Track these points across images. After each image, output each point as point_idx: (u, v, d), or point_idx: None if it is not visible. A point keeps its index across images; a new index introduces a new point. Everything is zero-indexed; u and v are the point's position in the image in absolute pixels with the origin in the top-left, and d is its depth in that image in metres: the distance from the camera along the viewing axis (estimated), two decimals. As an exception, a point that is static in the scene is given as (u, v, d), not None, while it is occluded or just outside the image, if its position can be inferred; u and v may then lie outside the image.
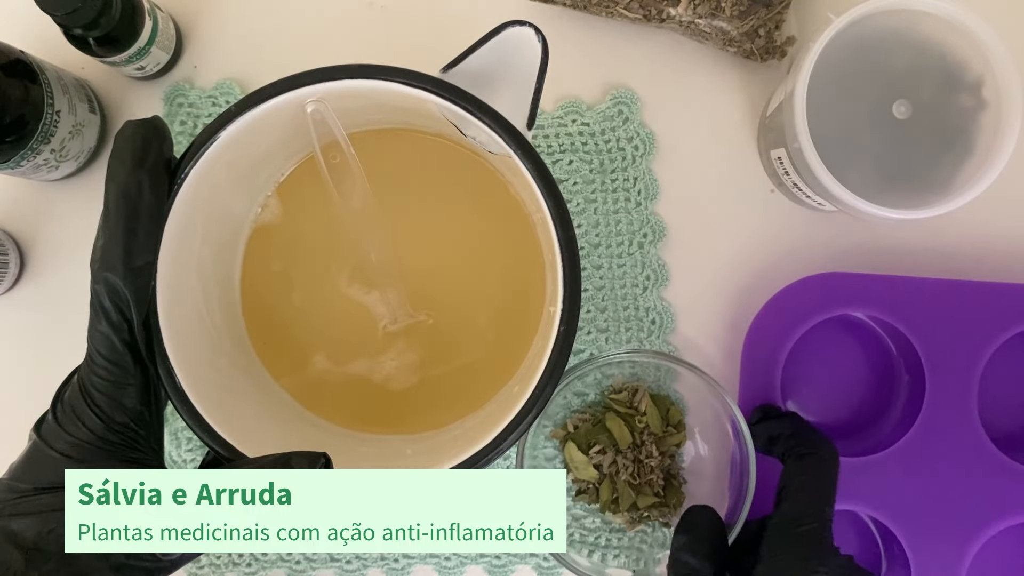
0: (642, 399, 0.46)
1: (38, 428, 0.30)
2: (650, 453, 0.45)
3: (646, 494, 0.45)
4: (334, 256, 0.41)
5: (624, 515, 0.46)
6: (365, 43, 0.48)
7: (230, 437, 0.32)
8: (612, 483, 0.46)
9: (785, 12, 0.44)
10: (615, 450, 0.45)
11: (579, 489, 0.46)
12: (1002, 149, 0.39)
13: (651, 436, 0.46)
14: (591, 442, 0.46)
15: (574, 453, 0.46)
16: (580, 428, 0.46)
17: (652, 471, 0.45)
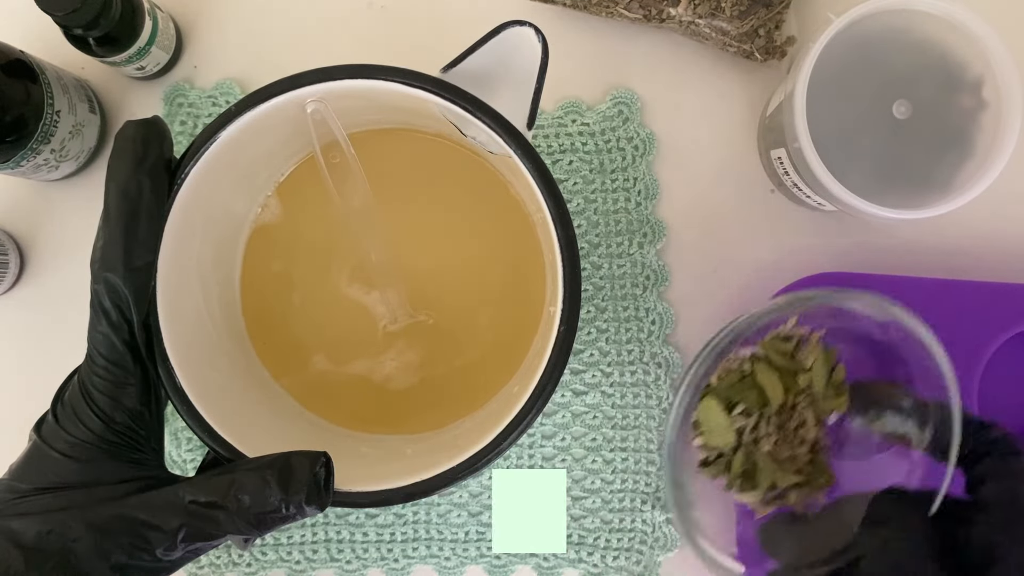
0: (811, 352, 0.37)
1: (38, 428, 0.30)
2: (803, 420, 0.36)
3: (787, 470, 0.36)
4: (334, 256, 0.41)
5: (756, 494, 0.37)
6: (365, 43, 0.48)
7: (230, 437, 0.32)
8: (748, 454, 0.36)
9: (785, 12, 0.44)
10: (760, 413, 0.36)
11: (704, 459, 0.38)
12: (1002, 149, 0.39)
13: (809, 399, 0.36)
14: (734, 400, 0.36)
15: (713, 413, 0.37)
16: (724, 381, 0.37)
17: (801, 443, 0.36)
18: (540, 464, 0.47)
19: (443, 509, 0.47)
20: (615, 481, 0.46)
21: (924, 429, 0.35)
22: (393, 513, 0.47)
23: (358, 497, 0.32)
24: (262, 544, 0.47)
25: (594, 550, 0.46)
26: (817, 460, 0.37)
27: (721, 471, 0.38)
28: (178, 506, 0.28)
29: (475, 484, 0.47)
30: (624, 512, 0.46)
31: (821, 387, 0.36)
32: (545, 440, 0.47)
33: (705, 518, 0.37)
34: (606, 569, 0.46)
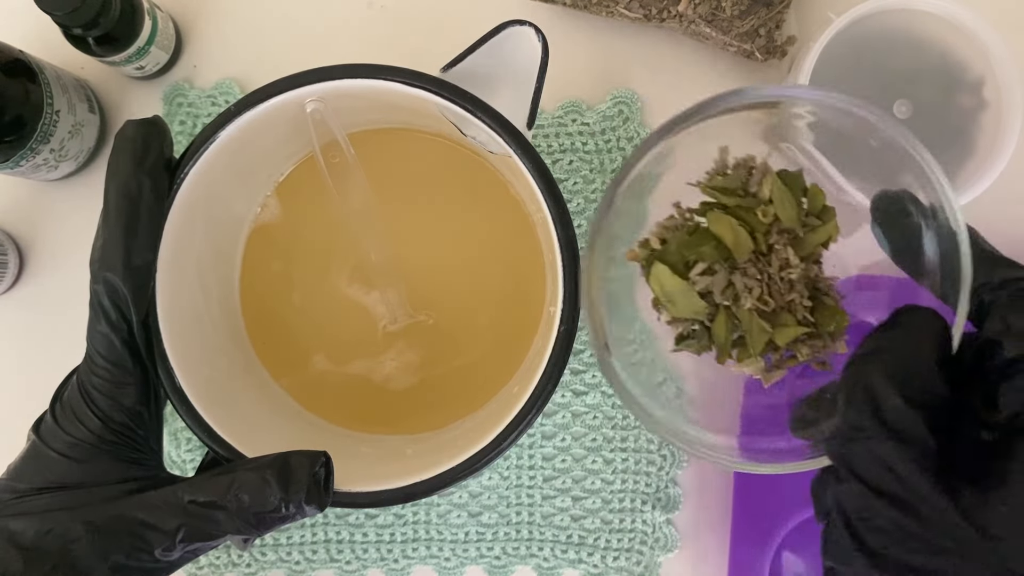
0: (763, 179, 0.30)
1: (37, 428, 0.30)
2: (786, 261, 0.30)
3: (786, 324, 0.30)
4: (334, 256, 0.41)
5: (756, 362, 0.31)
6: (365, 43, 0.48)
7: (229, 437, 0.32)
8: (730, 316, 0.30)
9: (785, 12, 0.44)
10: (728, 266, 0.30)
11: (680, 334, 0.31)
12: (1003, 149, 0.39)
13: (784, 235, 0.30)
14: (689, 259, 0.30)
15: (666, 279, 0.30)
16: (670, 241, 0.31)
17: (792, 287, 0.30)
18: (540, 464, 0.46)
19: (443, 509, 0.46)
20: (615, 481, 0.46)
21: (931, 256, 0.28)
22: (393, 513, 0.47)
23: (358, 497, 0.32)
24: (261, 544, 0.47)
25: (594, 550, 0.46)
26: (822, 302, 0.30)
27: (705, 344, 0.31)
28: (177, 506, 0.28)
29: (475, 484, 0.46)
30: (624, 512, 0.46)
31: (793, 217, 0.30)
32: (545, 440, 0.47)
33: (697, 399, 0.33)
34: (606, 569, 0.46)
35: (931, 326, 0.25)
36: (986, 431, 0.25)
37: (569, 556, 0.46)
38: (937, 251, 0.28)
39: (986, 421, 0.25)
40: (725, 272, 0.30)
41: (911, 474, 0.23)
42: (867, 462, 0.23)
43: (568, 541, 0.46)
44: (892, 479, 0.23)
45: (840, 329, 0.31)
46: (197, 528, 0.28)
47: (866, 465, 0.23)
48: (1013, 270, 0.26)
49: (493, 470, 0.46)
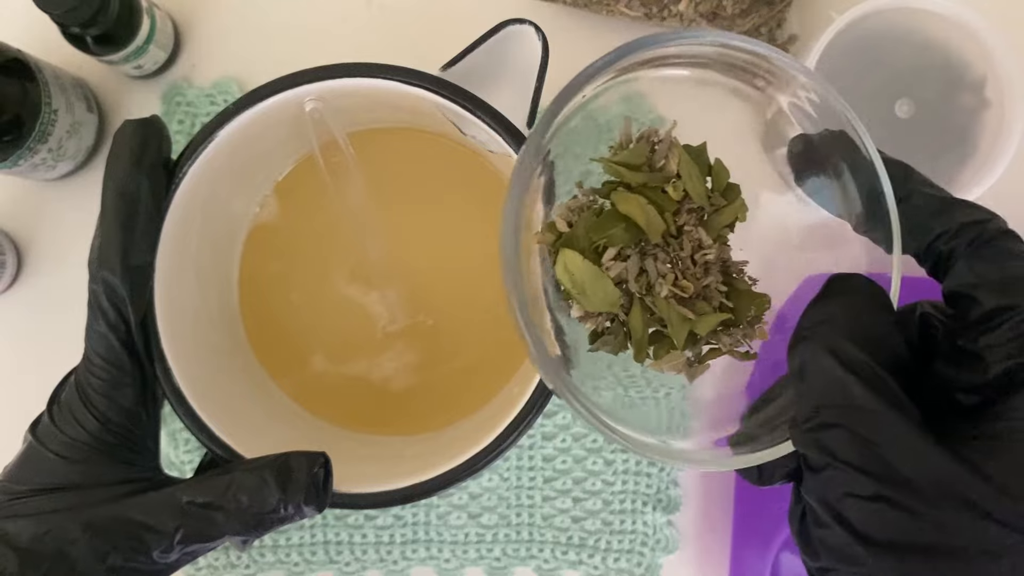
0: (669, 152, 0.27)
1: (33, 429, 0.29)
2: (699, 243, 0.27)
3: (704, 311, 0.27)
4: (333, 256, 0.40)
5: (678, 356, 0.28)
6: (364, 42, 0.48)
7: (228, 438, 0.32)
8: (644, 308, 0.27)
9: (787, 10, 0.44)
10: (640, 250, 0.27)
11: (594, 331, 0.28)
12: (1005, 148, 0.39)
13: (693, 214, 0.27)
14: (598, 244, 0.27)
15: (576, 266, 0.26)
16: (577, 225, 0.27)
17: (708, 271, 0.27)
18: (540, 465, 0.46)
19: (442, 511, 0.46)
20: (616, 483, 0.46)
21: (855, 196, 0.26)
22: (392, 515, 0.46)
23: (357, 498, 0.32)
24: (260, 546, 0.46)
25: (595, 552, 0.46)
26: (737, 288, 0.28)
27: (621, 342, 0.27)
28: (175, 507, 0.28)
29: (475, 486, 0.46)
30: (625, 514, 0.46)
31: (701, 193, 0.27)
32: (545, 441, 0.46)
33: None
34: (607, 571, 0.46)
35: (868, 289, 0.23)
36: (963, 394, 0.22)
37: (569, 557, 0.46)
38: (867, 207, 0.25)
39: (960, 384, 0.22)
40: (638, 257, 0.26)
41: (907, 445, 0.20)
42: (848, 442, 0.20)
43: (568, 542, 0.46)
44: (885, 455, 0.20)
45: (760, 313, 0.28)
46: (195, 529, 0.28)
47: (848, 446, 0.20)
48: (968, 212, 0.24)
49: (493, 471, 0.46)
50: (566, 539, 0.46)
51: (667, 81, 0.28)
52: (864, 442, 0.20)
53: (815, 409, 0.21)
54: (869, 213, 0.25)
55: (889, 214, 0.24)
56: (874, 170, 0.24)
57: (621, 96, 0.29)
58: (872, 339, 0.21)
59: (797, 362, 0.22)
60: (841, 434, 0.20)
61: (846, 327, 0.22)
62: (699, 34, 0.26)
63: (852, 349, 0.21)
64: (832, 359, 0.21)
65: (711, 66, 0.28)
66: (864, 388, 0.20)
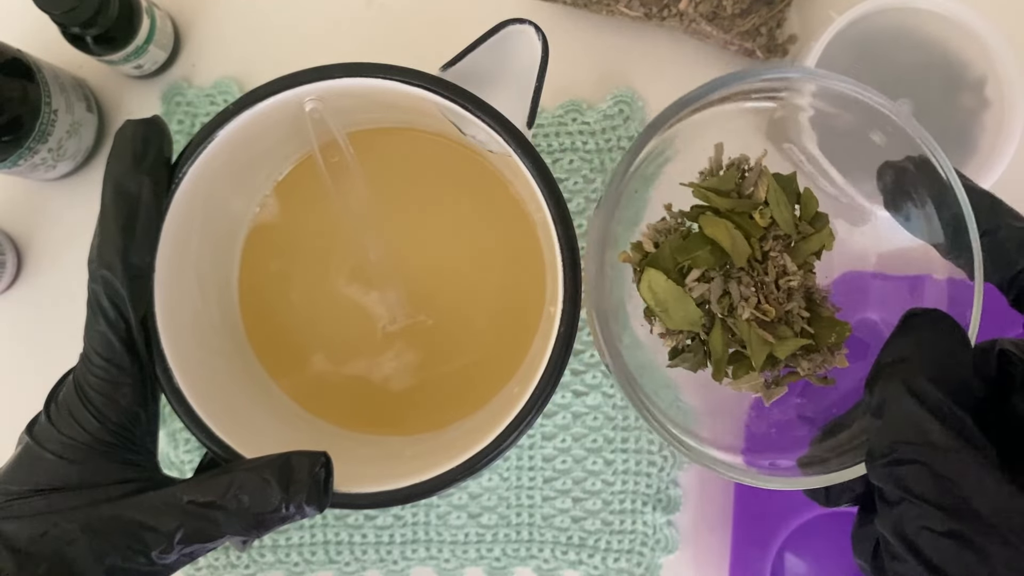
0: (759, 180, 0.28)
1: (30, 430, 0.29)
2: (783, 268, 0.28)
3: (784, 336, 0.28)
4: (333, 256, 0.40)
5: (755, 378, 0.28)
6: (364, 41, 0.48)
7: (228, 438, 0.32)
8: (726, 329, 0.28)
9: (787, 10, 0.44)
10: (724, 272, 0.28)
11: (674, 348, 0.29)
12: (1005, 148, 0.39)
13: (779, 241, 0.28)
14: (683, 265, 0.28)
15: (660, 285, 0.28)
16: (663, 246, 0.28)
17: (791, 296, 0.28)
18: (540, 465, 0.46)
19: (442, 511, 0.46)
20: (616, 483, 0.46)
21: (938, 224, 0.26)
22: (392, 515, 0.46)
23: (357, 498, 0.32)
24: (260, 546, 0.46)
25: (595, 552, 0.46)
26: (819, 312, 0.28)
27: (700, 360, 0.29)
28: (176, 507, 0.28)
29: (475, 486, 0.46)
30: (625, 514, 0.46)
31: (789, 220, 0.28)
32: (545, 441, 0.46)
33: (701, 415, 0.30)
34: (607, 571, 0.46)
35: (947, 324, 0.24)
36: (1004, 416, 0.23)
37: (569, 557, 0.46)
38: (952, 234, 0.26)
39: None
40: (721, 279, 0.28)
41: (983, 484, 0.20)
42: (925, 478, 0.21)
43: (568, 542, 0.46)
44: (960, 493, 0.20)
45: (840, 340, 0.29)
46: (196, 529, 0.28)
47: (925, 482, 0.21)
48: None
49: (493, 471, 0.46)
50: (566, 539, 0.46)
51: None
52: (939, 479, 0.21)
53: (892, 445, 0.22)
54: (952, 242, 0.26)
55: (972, 245, 0.25)
56: (957, 200, 0.25)
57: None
58: (950, 378, 0.22)
59: (877, 399, 0.23)
60: (918, 471, 0.21)
61: (925, 365, 0.22)
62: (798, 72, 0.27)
63: (931, 389, 0.21)
64: (911, 398, 0.21)
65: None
66: (942, 427, 0.21)
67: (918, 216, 0.27)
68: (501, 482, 0.46)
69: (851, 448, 0.26)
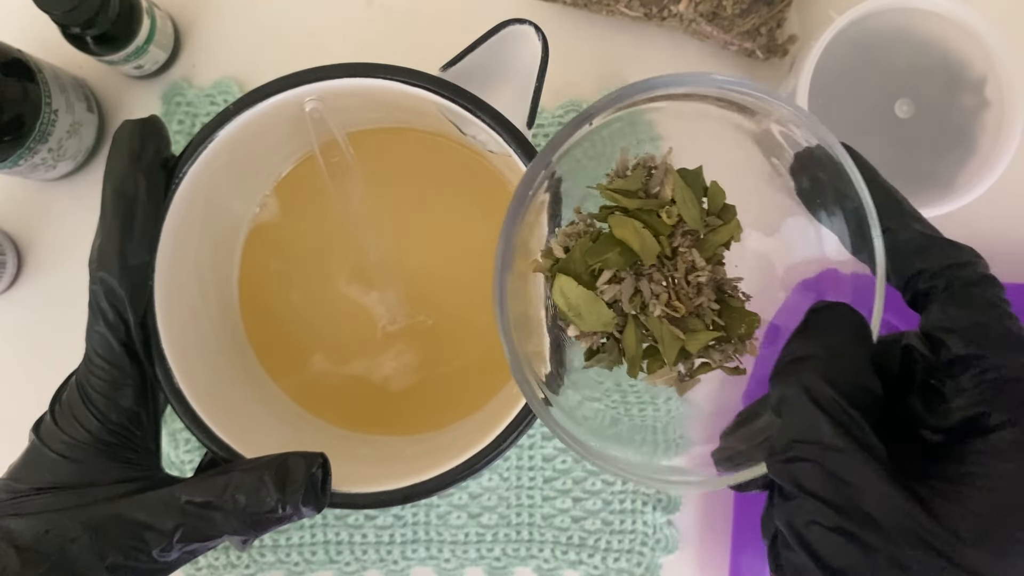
0: (665, 178, 0.29)
1: (36, 429, 0.30)
2: (692, 264, 0.28)
3: (695, 328, 0.28)
4: (333, 256, 0.40)
5: (670, 373, 0.29)
6: (364, 42, 0.48)
7: (228, 438, 0.32)
8: (639, 325, 0.28)
9: (787, 10, 0.44)
10: (635, 272, 0.28)
11: (589, 349, 0.30)
12: (1005, 148, 0.39)
13: (687, 236, 0.29)
14: (594, 268, 0.28)
15: (571, 291, 0.28)
16: (574, 249, 0.29)
17: (700, 291, 0.28)
18: (540, 465, 0.46)
19: (442, 511, 0.46)
20: (616, 483, 0.46)
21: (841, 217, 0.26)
22: (392, 515, 0.46)
23: (357, 498, 0.32)
24: (260, 545, 0.46)
25: (595, 552, 0.46)
26: (729, 305, 0.29)
27: (616, 358, 0.29)
28: (175, 506, 0.28)
29: (475, 485, 0.46)
30: (625, 514, 0.46)
31: (696, 217, 0.28)
32: (545, 441, 0.46)
33: None
34: (607, 571, 0.46)
35: (850, 321, 0.24)
36: (927, 431, 0.23)
37: (569, 557, 0.46)
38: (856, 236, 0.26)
39: (927, 422, 0.23)
40: (632, 279, 0.28)
41: (870, 483, 0.21)
42: (817, 476, 0.21)
43: (568, 542, 0.46)
44: (849, 491, 0.21)
45: (750, 331, 0.29)
46: (194, 528, 0.28)
47: (816, 479, 0.21)
48: (951, 254, 0.24)
49: (493, 471, 0.46)
50: (566, 539, 0.46)
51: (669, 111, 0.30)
52: (830, 477, 0.21)
53: (789, 443, 0.22)
54: (857, 238, 0.26)
55: (873, 244, 0.25)
56: (860, 200, 0.25)
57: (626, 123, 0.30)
58: (847, 378, 0.22)
59: (776, 396, 0.23)
60: (810, 468, 0.22)
61: (822, 364, 0.23)
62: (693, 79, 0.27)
63: (825, 389, 0.22)
64: (806, 397, 0.22)
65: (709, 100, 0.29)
66: (833, 428, 0.21)
67: (827, 207, 0.27)
68: (501, 482, 0.46)
69: (761, 442, 0.26)
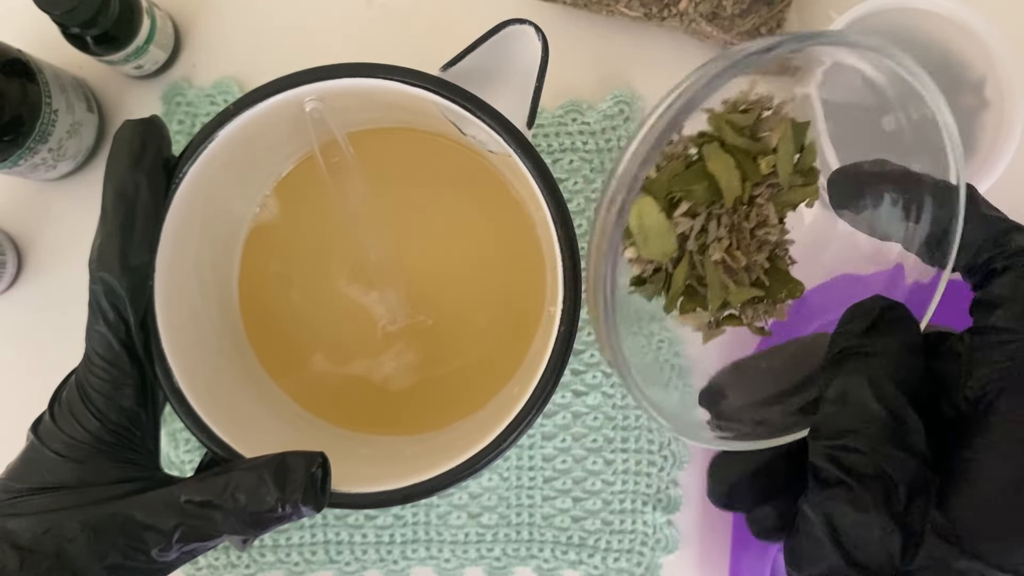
0: (777, 127, 0.27)
1: (35, 428, 0.30)
2: (764, 218, 0.27)
3: (741, 283, 0.28)
4: (333, 256, 0.40)
5: (701, 316, 0.28)
6: (364, 42, 0.48)
7: (228, 438, 0.32)
8: (692, 266, 0.27)
9: (786, 11, 0.44)
10: (708, 211, 0.27)
11: (638, 275, 0.29)
12: (1005, 148, 0.39)
13: (771, 189, 0.27)
14: (676, 196, 0.27)
15: (649, 214, 0.27)
16: (663, 170, 0.27)
17: (760, 247, 0.28)
18: (540, 465, 0.46)
19: (442, 510, 0.46)
20: (616, 483, 0.46)
21: (919, 220, 0.25)
22: (392, 514, 0.46)
23: (357, 498, 0.32)
24: (260, 545, 0.46)
25: (595, 552, 0.46)
26: (777, 267, 0.28)
27: (658, 289, 0.28)
28: (174, 506, 0.28)
29: (475, 485, 0.46)
30: (625, 514, 0.46)
31: (787, 174, 0.27)
32: (545, 441, 0.46)
33: None
34: (607, 571, 0.46)
35: (913, 325, 0.24)
36: (948, 406, 0.24)
37: (569, 557, 0.46)
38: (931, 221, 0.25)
39: (951, 396, 0.23)
40: (703, 217, 0.27)
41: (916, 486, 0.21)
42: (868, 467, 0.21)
43: (568, 542, 0.46)
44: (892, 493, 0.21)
45: (791, 297, 0.29)
46: (194, 528, 0.28)
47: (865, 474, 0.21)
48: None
49: (493, 471, 0.46)
50: (566, 539, 0.46)
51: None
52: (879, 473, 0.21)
53: (843, 431, 0.22)
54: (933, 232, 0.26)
55: (956, 236, 0.25)
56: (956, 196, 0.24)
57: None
58: (909, 381, 0.23)
59: (841, 387, 0.23)
60: (866, 461, 0.22)
61: (890, 365, 0.23)
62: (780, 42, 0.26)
63: (892, 389, 0.22)
64: (871, 393, 0.22)
65: None
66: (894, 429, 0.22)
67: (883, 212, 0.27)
68: (501, 482, 0.46)
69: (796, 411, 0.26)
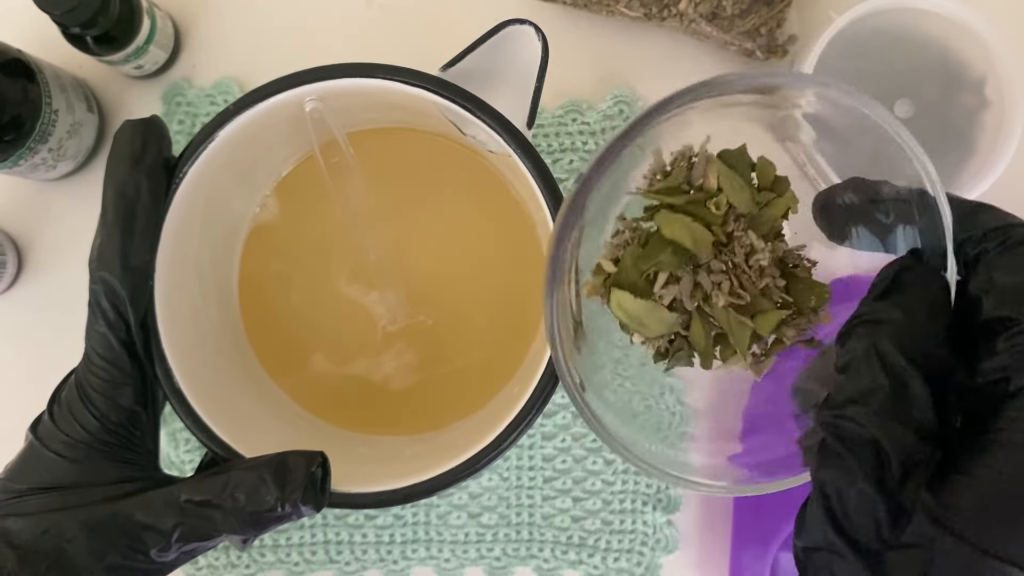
0: (706, 168, 0.27)
1: (34, 428, 0.30)
2: (751, 247, 0.27)
3: (764, 309, 0.27)
4: (333, 256, 0.40)
5: (745, 358, 0.28)
6: (365, 42, 0.48)
7: (228, 437, 0.32)
8: (705, 318, 0.27)
9: (786, 11, 0.44)
10: (691, 267, 0.27)
11: (657, 351, 0.29)
12: (1005, 148, 0.39)
13: (741, 220, 0.27)
14: (647, 274, 0.27)
15: (628, 304, 0.27)
16: (624, 259, 0.28)
17: (763, 273, 0.27)
18: (540, 465, 0.46)
19: (443, 510, 0.46)
20: (616, 482, 0.46)
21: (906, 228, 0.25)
22: (392, 514, 0.46)
23: (357, 498, 0.32)
24: (260, 545, 0.46)
25: (595, 551, 0.46)
26: (797, 277, 0.28)
27: (686, 356, 0.28)
28: (173, 505, 0.28)
29: (475, 485, 0.46)
30: (625, 514, 0.46)
31: (746, 199, 0.27)
32: (545, 441, 0.46)
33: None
34: (607, 571, 0.46)
35: (934, 285, 0.23)
36: (953, 394, 0.22)
37: (569, 557, 0.46)
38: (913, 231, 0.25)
39: (963, 383, 0.22)
40: (690, 275, 0.27)
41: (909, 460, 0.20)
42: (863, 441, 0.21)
43: (568, 542, 0.46)
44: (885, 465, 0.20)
45: (821, 303, 0.28)
46: (193, 528, 0.28)
47: (859, 444, 0.21)
48: (993, 217, 0.23)
49: (493, 471, 0.46)
50: (566, 539, 0.46)
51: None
52: (879, 447, 0.20)
53: (847, 402, 0.21)
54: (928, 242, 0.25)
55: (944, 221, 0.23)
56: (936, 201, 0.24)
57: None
58: (921, 346, 0.21)
59: (847, 356, 0.22)
60: (861, 431, 0.21)
61: (900, 331, 0.21)
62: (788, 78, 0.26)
63: (898, 359, 0.21)
64: (876, 363, 0.21)
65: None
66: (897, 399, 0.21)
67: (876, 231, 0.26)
68: (501, 482, 0.46)
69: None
